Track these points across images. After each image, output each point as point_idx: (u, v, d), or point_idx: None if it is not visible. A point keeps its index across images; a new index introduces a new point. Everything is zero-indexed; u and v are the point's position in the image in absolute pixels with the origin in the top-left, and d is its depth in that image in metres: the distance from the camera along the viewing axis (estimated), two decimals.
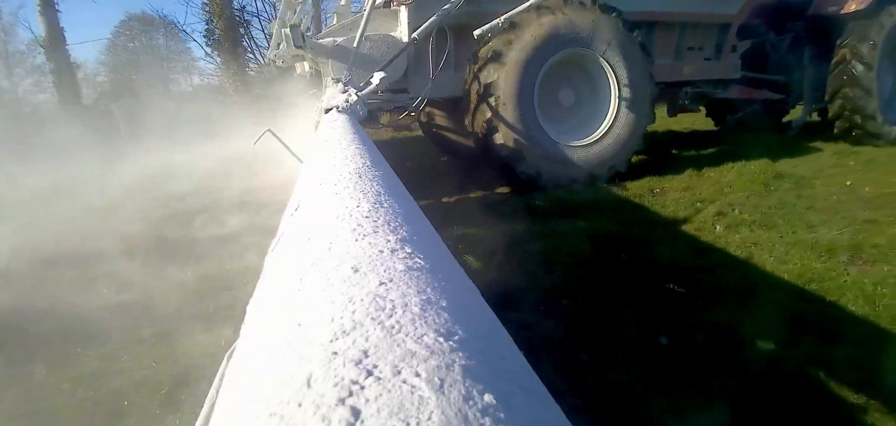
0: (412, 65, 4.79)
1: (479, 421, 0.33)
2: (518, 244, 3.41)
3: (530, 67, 4.63)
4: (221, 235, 3.89)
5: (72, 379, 2.14)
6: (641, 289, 2.71)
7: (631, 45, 4.91)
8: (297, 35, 4.24)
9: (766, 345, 2.14)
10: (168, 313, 2.65)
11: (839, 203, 3.97)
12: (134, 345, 2.37)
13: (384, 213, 0.81)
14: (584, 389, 1.91)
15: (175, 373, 2.11)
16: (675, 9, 5.63)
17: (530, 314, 2.48)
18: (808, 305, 2.49)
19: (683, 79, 6.03)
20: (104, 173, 6.12)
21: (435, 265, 0.61)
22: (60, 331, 2.54)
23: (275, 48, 6.09)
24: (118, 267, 3.33)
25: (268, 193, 4.49)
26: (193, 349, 2.28)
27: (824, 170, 5.11)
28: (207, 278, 3.09)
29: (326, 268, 0.60)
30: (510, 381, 0.40)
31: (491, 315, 0.58)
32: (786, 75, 6.57)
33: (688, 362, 2.07)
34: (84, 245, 3.72)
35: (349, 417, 0.33)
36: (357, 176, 1.08)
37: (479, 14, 4.70)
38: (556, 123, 4.97)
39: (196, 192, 5.26)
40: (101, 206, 5.00)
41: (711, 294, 2.61)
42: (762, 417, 1.76)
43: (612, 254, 3.24)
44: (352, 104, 2.92)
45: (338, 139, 1.71)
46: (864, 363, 1.97)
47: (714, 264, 3.03)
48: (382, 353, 0.40)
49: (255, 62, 16.18)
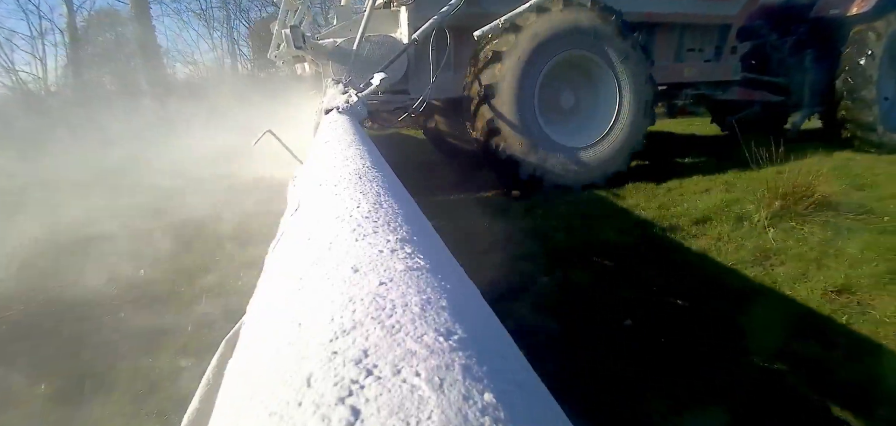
0: (412, 66, 4.80)
1: (479, 420, 0.33)
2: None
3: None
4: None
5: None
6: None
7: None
8: (297, 36, 4.24)
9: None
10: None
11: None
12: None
13: (384, 213, 0.81)
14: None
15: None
16: (675, 10, 5.63)
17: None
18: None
19: (683, 80, 6.03)
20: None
21: (435, 265, 0.61)
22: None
23: (275, 48, 6.10)
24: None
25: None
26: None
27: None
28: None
29: (326, 268, 0.60)
30: (510, 381, 0.40)
31: (491, 315, 0.58)
32: (787, 77, 6.56)
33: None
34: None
35: (349, 417, 0.33)
36: (357, 176, 1.08)
37: (479, 15, 4.71)
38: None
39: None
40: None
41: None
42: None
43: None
44: (352, 105, 2.92)
45: (338, 140, 1.71)
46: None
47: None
48: (382, 353, 0.40)
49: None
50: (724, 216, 3.77)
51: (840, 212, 3.68)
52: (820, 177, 3.77)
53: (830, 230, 3.43)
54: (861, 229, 3.46)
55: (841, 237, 3.29)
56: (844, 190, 4.33)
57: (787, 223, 3.55)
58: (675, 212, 4.05)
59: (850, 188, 4.46)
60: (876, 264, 2.84)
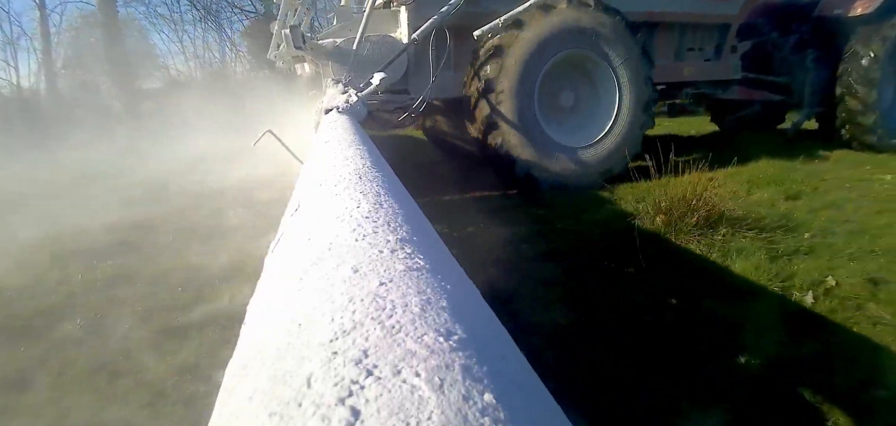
0: (412, 65, 4.80)
1: (479, 421, 0.33)
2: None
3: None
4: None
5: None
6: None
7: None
8: (297, 36, 4.24)
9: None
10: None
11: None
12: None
13: (384, 213, 0.81)
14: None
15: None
16: (675, 9, 5.63)
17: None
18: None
19: (683, 79, 6.03)
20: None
21: (435, 265, 0.61)
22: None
23: (275, 49, 6.10)
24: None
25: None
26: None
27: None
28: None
29: (326, 268, 0.60)
30: (510, 381, 0.40)
31: (491, 315, 0.58)
32: (787, 76, 6.56)
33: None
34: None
35: (349, 417, 0.33)
36: (357, 176, 1.08)
37: (478, 14, 4.71)
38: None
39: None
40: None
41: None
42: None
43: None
44: (352, 105, 2.93)
45: (338, 140, 1.71)
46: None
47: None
48: (382, 353, 0.40)
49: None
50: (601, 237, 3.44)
51: (739, 228, 3.20)
52: (721, 186, 3.32)
53: (716, 252, 2.95)
54: (749, 251, 2.90)
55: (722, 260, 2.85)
56: (772, 199, 4.02)
57: (659, 246, 3.08)
58: (554, 228, 3.72)
59: (780, 197, 4.07)
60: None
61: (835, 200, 4.02)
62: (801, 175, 4.81)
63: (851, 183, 4.62)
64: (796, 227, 3.37)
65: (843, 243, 3.07)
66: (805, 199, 4.10)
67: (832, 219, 3.55)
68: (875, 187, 4.44)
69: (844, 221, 3.51)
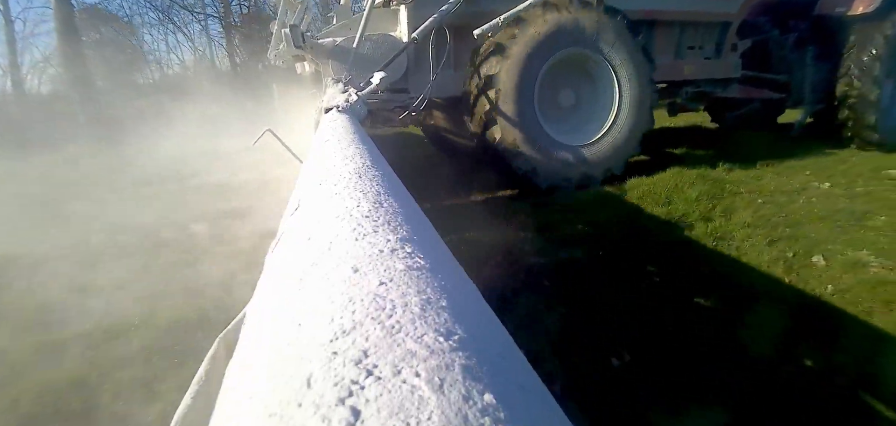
0: (412, 64, 4.79)
1: (479, 421, 0.33)
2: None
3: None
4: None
5: None
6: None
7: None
8: (296, 35, 4.24)
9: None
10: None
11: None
12: None
13: (384, 212, 0.81)
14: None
15: None
16: (675, 7, 5.62)
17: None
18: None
19: (683, 78, 6.02)
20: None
21: (435, 265, 0.61)
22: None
23: (274, 48, 6.09)
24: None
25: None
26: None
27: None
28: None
29: (326, 268, 0.59)
30: (510, 381, 0.40)
31: (491, 315, 0.58)
32: (787, 74, 6.54)
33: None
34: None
35: (349, 417, 0.33)
36: (357, 176, 1.08)
37: (478, 13, 4.70)
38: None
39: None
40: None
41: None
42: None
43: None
44: (352, 104, 2.92)
45: (338, 139, 1.71)
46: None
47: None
48: (382, 353, 0.40)
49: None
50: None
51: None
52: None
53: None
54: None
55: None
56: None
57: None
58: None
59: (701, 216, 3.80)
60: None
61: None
62: (736, 181, 4.74)
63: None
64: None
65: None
66: (719, 220, 3.92)
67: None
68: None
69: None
